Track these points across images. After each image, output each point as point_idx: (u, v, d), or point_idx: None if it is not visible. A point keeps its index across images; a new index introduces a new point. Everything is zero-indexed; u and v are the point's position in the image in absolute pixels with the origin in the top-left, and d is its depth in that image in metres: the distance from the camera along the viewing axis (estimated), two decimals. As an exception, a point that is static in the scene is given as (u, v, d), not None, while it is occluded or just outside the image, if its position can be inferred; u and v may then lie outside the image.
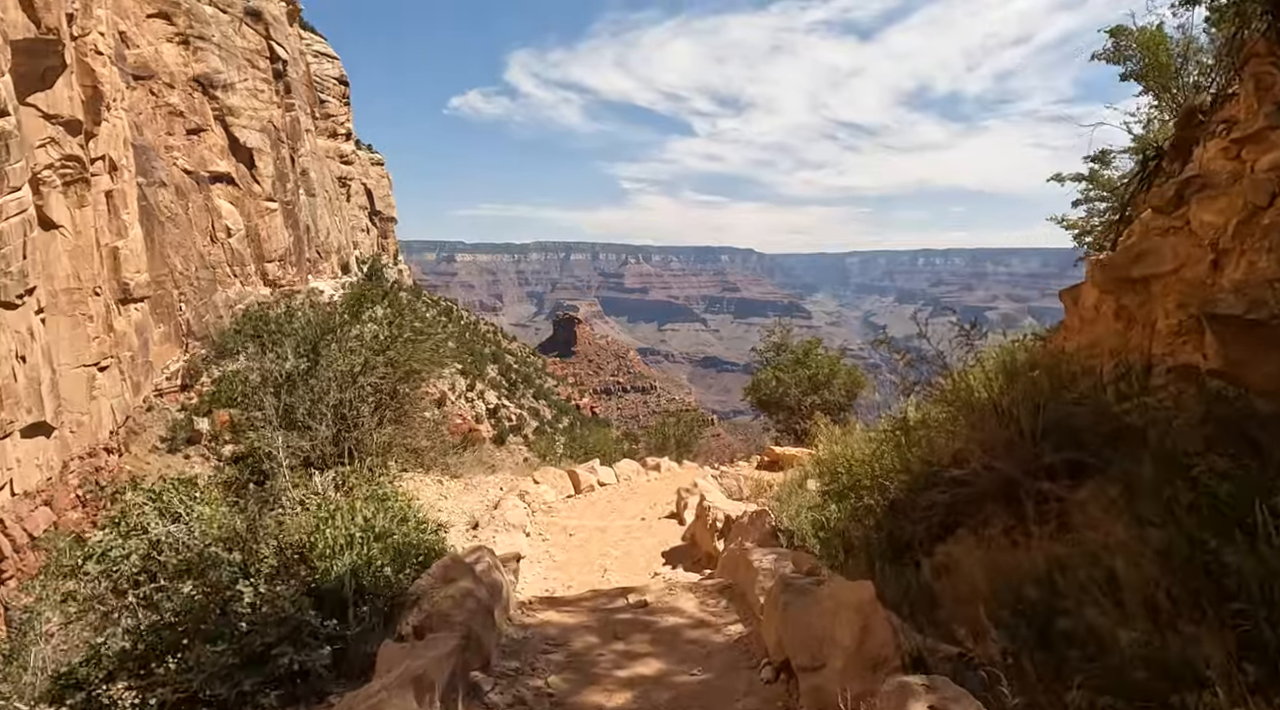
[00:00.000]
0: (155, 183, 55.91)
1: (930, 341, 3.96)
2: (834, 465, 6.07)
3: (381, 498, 4.76)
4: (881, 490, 4.32)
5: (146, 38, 57.97)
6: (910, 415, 4.38)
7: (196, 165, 61.44)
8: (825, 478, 7.67)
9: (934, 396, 4.10)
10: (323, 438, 8.43)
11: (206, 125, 64.14)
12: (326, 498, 4.26)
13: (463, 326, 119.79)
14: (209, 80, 64.40)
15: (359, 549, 3.87)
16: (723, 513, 7.47)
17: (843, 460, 5.01)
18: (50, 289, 40.00)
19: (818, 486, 7.95)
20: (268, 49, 76.64)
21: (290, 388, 8.69)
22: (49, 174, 39.67)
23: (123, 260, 50.08)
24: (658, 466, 13.60)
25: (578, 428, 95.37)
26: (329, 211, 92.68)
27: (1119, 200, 7.24)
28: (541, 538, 9.07)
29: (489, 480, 11.30)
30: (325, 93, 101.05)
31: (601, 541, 9.01)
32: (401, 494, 5.90)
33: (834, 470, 5.13)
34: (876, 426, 6.74)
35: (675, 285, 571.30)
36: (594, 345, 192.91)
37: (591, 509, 10.74)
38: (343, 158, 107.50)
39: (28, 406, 36.25)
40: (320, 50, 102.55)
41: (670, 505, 10.45)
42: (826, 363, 16.75)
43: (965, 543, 3.45)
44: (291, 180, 79.95)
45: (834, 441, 8.49)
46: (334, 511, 4.07)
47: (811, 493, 7.68)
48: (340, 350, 9.21)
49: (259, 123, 71.72)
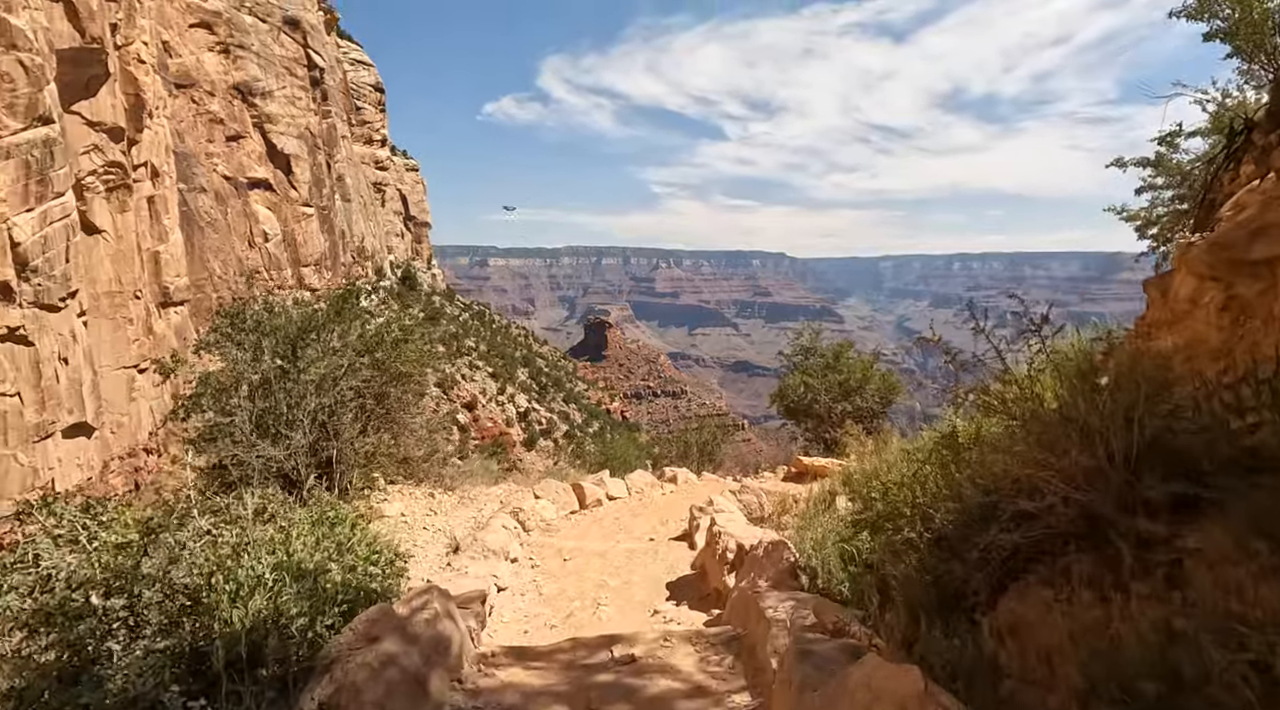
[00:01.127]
0: (195, 189, 57.17)
1: (990, 337, 3.19)
2: (866, 486, 5.23)
3: (330, 521, 4.19)
4: (924, 520, 3.56)
5: (189, 47, 59.38)
6: (960, 429, 3.61)
7: (235, 171, 62.70)
8: (856, 498, 6.85)
9: (988, 406, 3.33)
10: (298, 447, 7.76)
11: (245, 132, 65.46)
12: (240, 525, 3.63)
13: (494, 330, 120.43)
14: (248, 88, 65.72)
15: (266, 595, 3.22)
16: (734, 541, 6.49)
17: (877, 482, 4.20)
18: (92, 292, 40.93)
19: (848, 506, 7.16)
20: (305, 57, 78.06)
21: (266, 392, 8.14)
22: (92, 180, 40.63)
23: (163, 264, 51.23)
24: (674, 478, 12.58)
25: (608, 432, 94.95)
26: (364, 217, 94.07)
27: (1201, 181, 6.33)
28: (531, 563, 8.14)
29: (490, 492, 10.51)
30: (361, 99, 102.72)
31: (599, 568, 8.06)
32: (363, 514, 5.29)
33: (866, 494, 4.32)
34: (916, 440, 5.90)
35: (706, 289, 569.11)
36: (625, 349, 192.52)
37: (595, 527, 9.78)
38: (378, 163, 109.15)
39: (69, 407, 37.03)
40: (357, 58, 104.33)
41: (683, 522, 9.52)
42: (859, 367, 15.78)
43: (1037, 596, 2.69)
44: (327, 186, 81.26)
45: (866, 455, 7.61)
46: (241, 545, 3.50)
47: (840, 512, 6.88)
48: (321, 351, 8.56)
49: (296, 129, 73.00)
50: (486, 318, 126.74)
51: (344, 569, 3.86)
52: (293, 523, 3.97)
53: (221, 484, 7.38)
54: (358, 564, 4.08)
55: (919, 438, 6.76)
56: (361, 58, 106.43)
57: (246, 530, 3.55)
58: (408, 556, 5.39)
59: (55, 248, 35.60)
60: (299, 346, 8.59)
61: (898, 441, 7.18)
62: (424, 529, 8.30)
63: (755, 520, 8.62)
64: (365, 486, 8.63)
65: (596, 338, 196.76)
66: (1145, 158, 9.09)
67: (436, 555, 7.52)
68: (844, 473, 8.51)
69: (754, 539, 6.14)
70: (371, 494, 8.69)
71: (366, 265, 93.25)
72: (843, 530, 4.81)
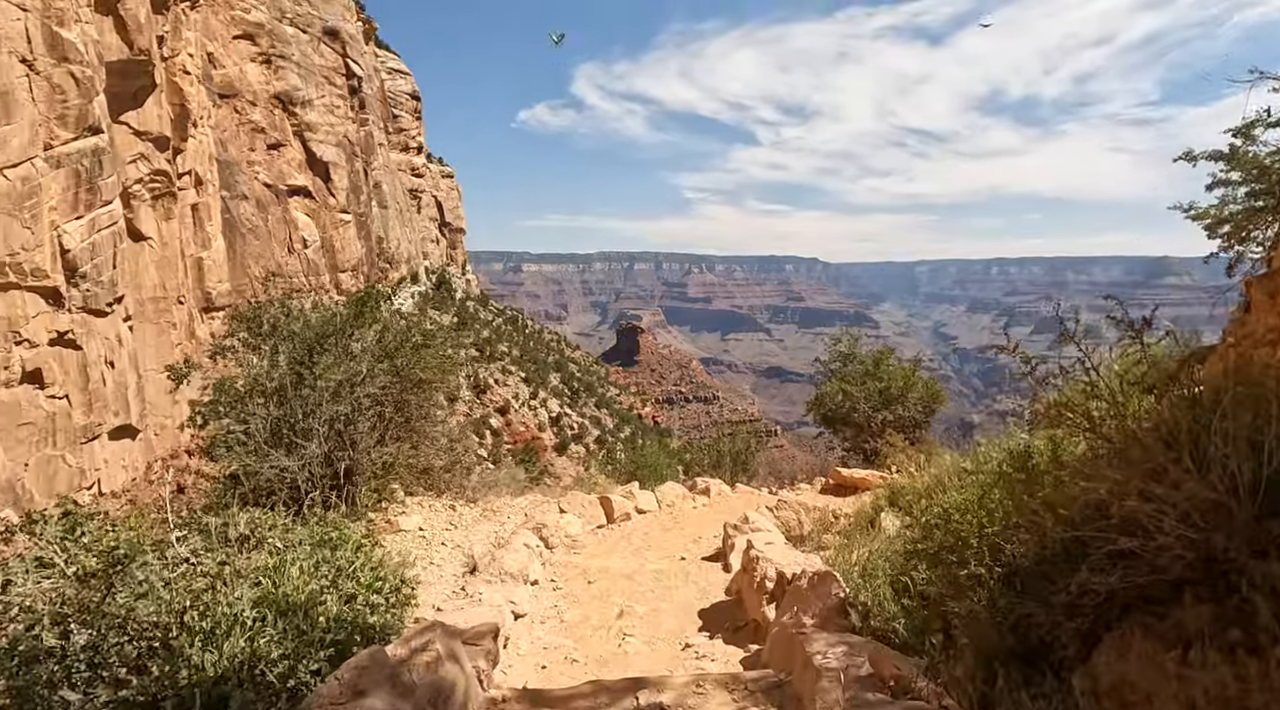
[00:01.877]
0: (237, 196, 58.60)
1: (1081, 346, 2.75)
2: (919, 506, 4.71)
3: (332, 543, 3.88)
4: (993, 551, 3.13)
5: (232, 58, 60.98)
6: (1037, 450, 3.16)
7: (276, 179, 64.14)
8: (905, 516, 6.33)
9: (1068, 423, 2.89)
10: (312, 457, 7.43)
11: (286, 141, 66.96)
12: (225, 552, 3.32)
13: (527, 335, 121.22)
14: (289, 97, 67.25)
15: (244, 635, 2.88)
16: (774, 568, 5.79)
17: (934, 506, 3.72)
18: (138, 297, 42.10)
19: (896, 524, 6.67)
20: (344, 66, 79.69)
21: (281, 399, 7.86)
22: (139, 188, 41.85)
23: (206, 270, 52.61)
24: (706, 490, 11.94)
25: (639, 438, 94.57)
26: (400, 223, 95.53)
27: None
28: (553, 586, 7.57)
29: (514, 504, 9.99)
30: (398, 108, 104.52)
31: (626, 592, 7.48)
32: (369, 534, 4.95)
33: (923, 518, 3.84)
34: (971, 455, 5.39)
35: (739, 295, 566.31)
36: (657, 355, 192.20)
37: (623, 544, 9.17)
38: (414, 171, 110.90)
39: (115, 409, 38.10)
40: (394, 67, 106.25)
41: (717, 539, 8.87)
42: (900, 374, 15.10)
43: (1143, 653, 2.26)
44: (365, 193, 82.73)
45: (916, 471, 7.03)
46: (223, 575, 3.16)
47: (887, 532, 6.39)
48: (337, 356, 8.29)
49: (335, 137, 74.49)
50: (519, 323, 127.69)
51: (341, 599, 3.53)
52: (290, 545, 3.67)
53: (235, 495, 7.15)
54: (358, 593, 3.74)
55: (974, 452, 6.21)
56: (399, 66, 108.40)
57: (231, 558, 3.26)
58: (415, 582, 5.01)
59: (103, 254, 36.68)
60: (316, 352, 8.39)
61: (951, 457, 6.52)
62: (442, 545, 7.91)
63: (794, 539, 8.07)
64: (383, 499, 8.34)
65: (628, 343, 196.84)
66: (1218, 151, 8.39)
67: (453, 575, 7.07)
68: (889, 488, 7.98)
69: (796, 567, 5.56)
70: (389, 507, 8.40)
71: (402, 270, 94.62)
72: (893, 556, 4.35)
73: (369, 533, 7.42)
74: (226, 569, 3.20)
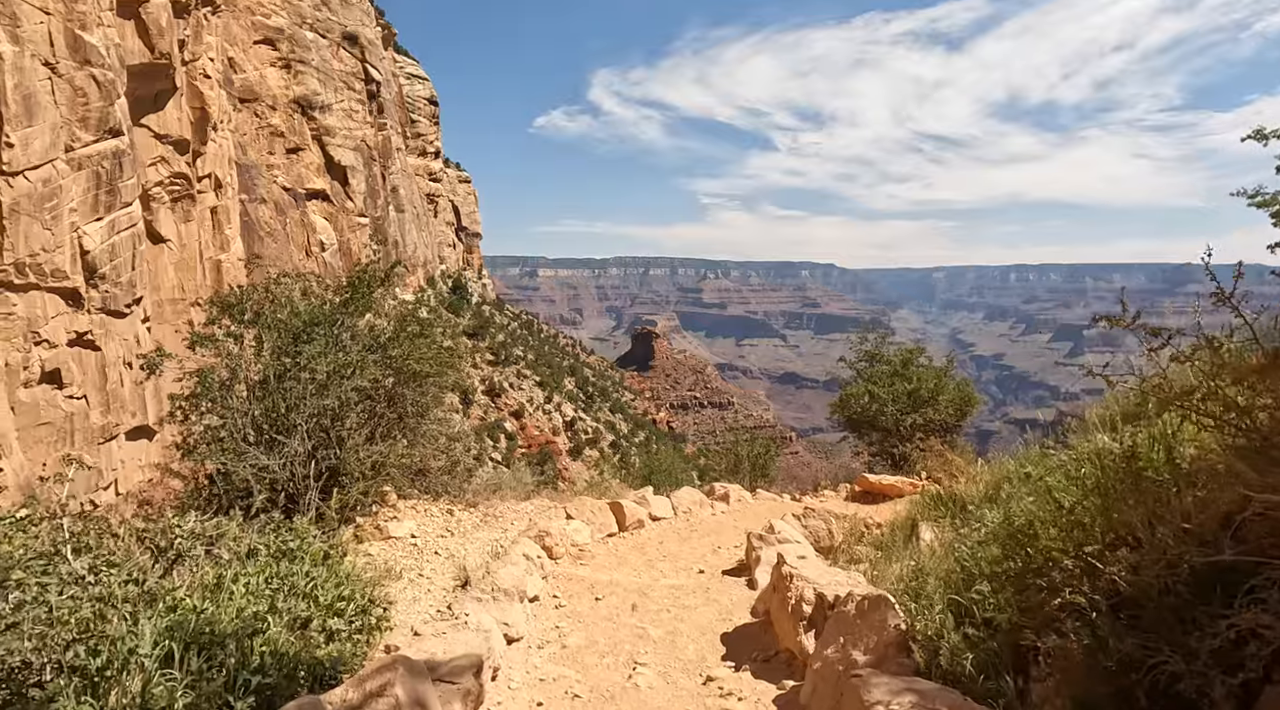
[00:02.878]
0: (256, 199, 58.98)
1: (1237, 308, 2.24)
2: (982, 517, 4.09)
3: (291, 555, 3.39)
4: (1088, 573, 2.60)
5: (253, 63, 61.51)
6: (1144, 450, 2.62)
7: (294, 182, 64.55)
8: (954, 526, 5.72)
9: (1194, 409, 2.36)
10: (294, 455, 6.79)
11: (304, 145, 67.41)
12: (130, 570, 2.73)
13: (542, 340, 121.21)
14: (308, 102, 67.74)
15: (140, 677, 2.29)
16: (812, 589, 4.90)
17: (1015, 518, 3.13)
18: (156, 299, 42.33)
19: (934, 536, 6.09)
20: (363, 72, 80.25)
21: (264, 392, 7.26)
22: (158, 191, 42.13)
23: (224, 273, 52.86)
24: (725, 496, 11.16)
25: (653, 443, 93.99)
26: (416, 227, 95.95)
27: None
28: (555, 602, 6.75)
29: (519, 509, 9.18)
30: (416, 113, 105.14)
31: (639, 611, 6.63)
32: (335, 545, 4.33)
33: (998, 533, 3.26)
34: (1039, 458, 4.75)
35: (754, 300, 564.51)
36: (671, 360, 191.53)
37: (636, 555, 8.35)
38: (431, 175, 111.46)
39: (132, 410, 38.25)
40: (412, 72, 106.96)
41: (738, 549, 8.14)
42: (931, 376, 14.30)
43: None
44: (382, 197, 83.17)
45: (965, 478, 6.35)
46: (122, 600, 2.55)
47: (928, 545, 5.82)
48: (325, 346, 7.62)
49: (353, 142, 74.95)
50: (535, 327, 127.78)
51: (289, 625, 3.00)
52: (238, 558, 3.16)
53: (206, 497, 6.67)
54: (313, 616, 3.19)
55: (1029, 455, 5.58)
56: (417, 72, 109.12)
57: (144, 575, 2.72)
58: (387, 603, 4.51)
59: (122, 256, 36.89)
60: (303, 341, 7.76)
61: (1014, 461, 5.79)
62: (435, 554, 7.19)
63: (823, 551, 7.48)
64: (372, 502, 7.67)
65: (643, 348, 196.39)
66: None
67: (443, 588, 6.28)
68: (926, 496, 7.38)
69: (839, 588, 4.72)
70: (380, 511, 7.72)
71: (418, 274, 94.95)
72: (949, 575, 3.79)
73: (357, 538, 6.89)
74: (133, 590, 2.68)
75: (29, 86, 30.68)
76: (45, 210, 31.49)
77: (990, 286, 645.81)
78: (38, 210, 31.02)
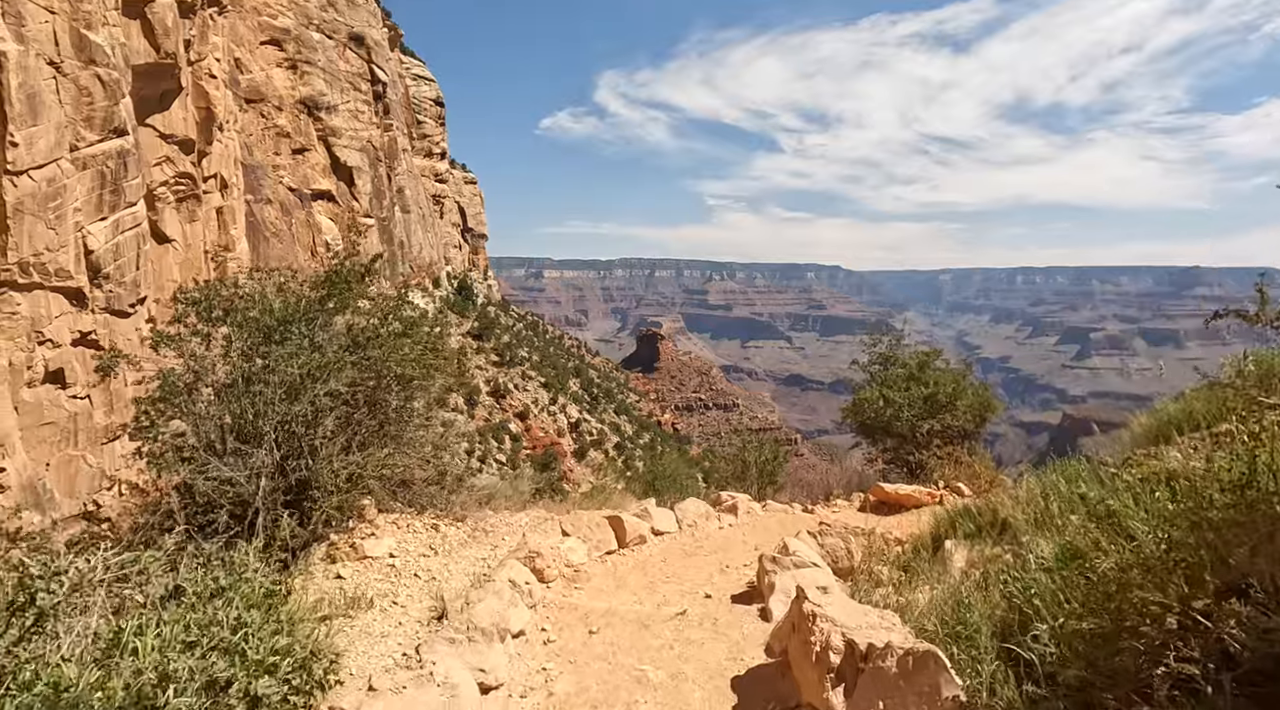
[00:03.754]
0: (262, 200, 58.91)
1: None
2: (1045, 552, 3.55)
3: (222, 594, 2.88)
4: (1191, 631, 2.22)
5: (259, 63, 61.46)
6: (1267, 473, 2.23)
7: (300, 183, 64.47)
8: (992, 548, 5.30)
9: None
10: (260, 467, 6.16)
11: (310, 145, 67.35)
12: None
13: (547, 341, 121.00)
14: (314, 103, 67.68)
15: None
16: (840, 635, 4.11)
17: (1105, 568, 2.58)
18: (160, 299, 42.15)
19: (965, 558, 5.70)
20: (369, 72, 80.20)
21: (232, 396, 6.63)
22: (163, 191, 42.01)
23: (229, 273, 52.80)
24: (733, 507, 10.43)
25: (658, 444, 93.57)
26: (423, 228, 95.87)
27: None
28: (544, 637, 5.93)
29: (512, 522, 8.46)
30: (422, 114, 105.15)
31: (638, 647, 5.83)
32: (280, 581, 3.73)
33: (1078, 581, 2.73)
34: (1092, 474, 4.30)
35: (759, 302, 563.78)
36: (677, 361, 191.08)
37: (636, 576, 7.66)
38: (437, 176, 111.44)
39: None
40: (419, 73, 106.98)
41: (748, 569, 7.49)
42: (949, 380, 13.75)
43: None
44: (388, 198, 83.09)
45: (1017, 497, 5.74)
46: None
47: (960, 569, 5.42)
48: (298, 346, 6.99)
49: (359, 143, 74.87)
50: (540, 328, 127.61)
51: (200, 689, 2.43)
52: (150, 603, 2.65)
53: (161, 515, 6.06)
54: (235, 677, 2.60)
55: (1082, 469, 5.13)
56: (423, 73, 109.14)
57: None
58: (334, 655, 3.93)
59: (126, 255, 36.75)
60: (275, 341, 7.17)
61: (1059, 477, 5.25)
62: (415, 576, 6.46)
63: (842, 572, 6.95)
64: (348, 517, 7.00)
65: (649, 349, 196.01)
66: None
67: (416, 621, 5.51)
68: (951, 510, 6.95)
69: (873, 634, 3.96)
70: (356, 527, 7.02)
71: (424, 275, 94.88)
72: (994, 611, 3.36)
73: (330, 558, 6.32)
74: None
75: (33, 85, 30.55)
76: (49, 209, 31.35)
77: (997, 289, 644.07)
78: (42, 209, 30.88)
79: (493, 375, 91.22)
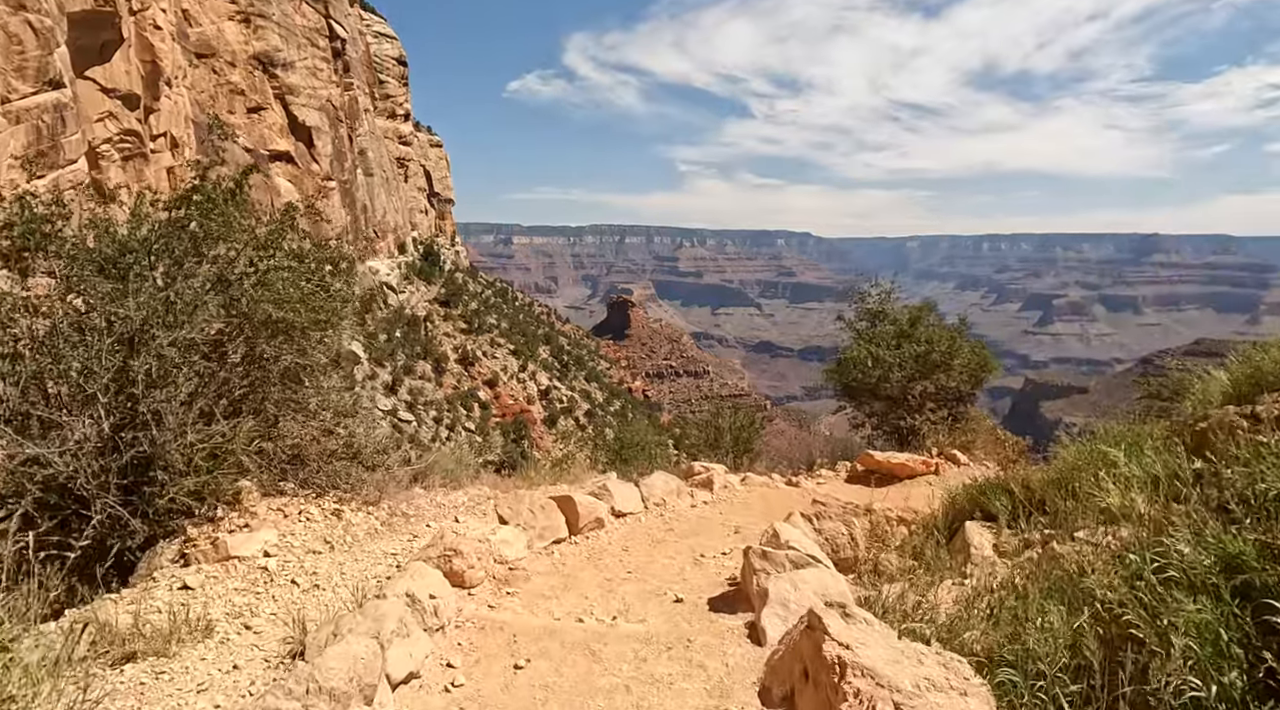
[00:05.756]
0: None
1: None
2: (1139, 561, 2.93)
3: None
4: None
5: (209, 16, 58.07)
6: None
7: (256, 143, 61.64)
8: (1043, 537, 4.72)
9: None
10: (82, 442, 4.83)
11: (266, 104, 64.29)
12: None
13: (517, 308, 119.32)
14: (269, 59, 64.42)
15: None
16: (885, 700, 2.65)
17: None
18: (110, 264, 40.19)
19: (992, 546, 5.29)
20: (327, 28, 76.58)
21: (48, 349, 5.23)
22: (107, 148, 39.64)
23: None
24: (708, 482, 8.99)
25: (629, 412, 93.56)
26: (386, 192, 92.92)
27: None
28: (447, 681, 4.11)
29: (444, 504, 6.91)
30: (384, 73, 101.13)
31: (581, 692, 4.07)
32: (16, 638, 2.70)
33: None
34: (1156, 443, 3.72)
35: (730, 269, 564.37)
36: (647, 329, 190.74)
37: (589, 571, 6.06)
38: (401, 138, 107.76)
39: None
40: (380, 30, 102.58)
41: (728, 558, 6.22)
42: (944, 337, 12.87)
43: None
44: (349, 159, 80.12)
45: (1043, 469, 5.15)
46: None
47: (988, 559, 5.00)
48: (138, 283, 5.45)
49: (318, 102, 71.73)
50: (509, 295, 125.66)
51: None
52: None
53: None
54: None
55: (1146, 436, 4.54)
56: (385, 30, 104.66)
57: None
58: None
59: (70, 217, 34.72)
60: (111, 277, 5.64)
61: (1116, 449, 4.27)
62: (293, 583, 4.96)
63: (843, 564, 5.94)
64: (211, 504, 5.47)
65: (619, 316, 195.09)
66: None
67: (264, 659, 4.01)
68: (970, 484, 6.46)
69: (931, 693, 2.71)
70: (225, 516, 5.48)
71: (388, 240, 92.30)
72: (1059, 632, 2.81)
73: (184, 560, 5.02)
74: None
75: (-43, 31, 28.26)
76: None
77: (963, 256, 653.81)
78: (-28, 166, 28.84)
79: (460, 342, 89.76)
